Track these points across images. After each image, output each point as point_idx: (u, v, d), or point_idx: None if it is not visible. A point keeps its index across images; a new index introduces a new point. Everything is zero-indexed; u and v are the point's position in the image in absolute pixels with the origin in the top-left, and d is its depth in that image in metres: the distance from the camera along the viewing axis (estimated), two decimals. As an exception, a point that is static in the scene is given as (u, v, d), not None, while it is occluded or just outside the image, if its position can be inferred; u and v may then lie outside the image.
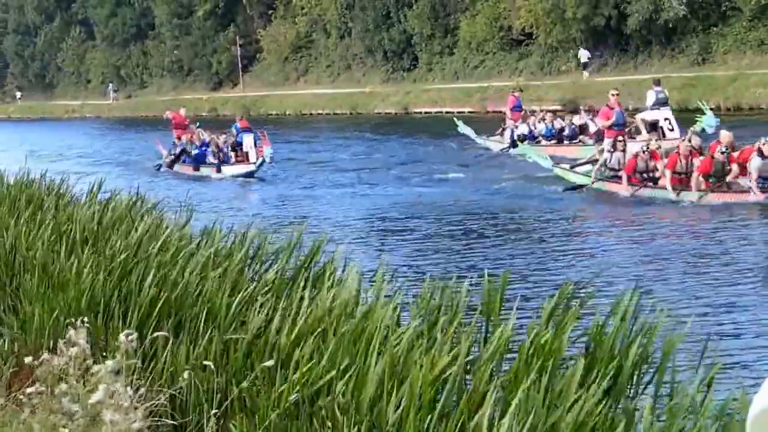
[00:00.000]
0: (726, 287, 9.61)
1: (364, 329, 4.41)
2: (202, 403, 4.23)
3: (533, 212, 15.29)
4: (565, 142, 23.10)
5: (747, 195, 14.40)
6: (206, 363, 4.25)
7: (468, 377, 4.06)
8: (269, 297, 5.18)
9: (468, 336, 4.23)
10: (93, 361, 4.01)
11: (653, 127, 20.38)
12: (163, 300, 5.10)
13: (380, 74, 51.50)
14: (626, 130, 19.59)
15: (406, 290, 5.46)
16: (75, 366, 3.87)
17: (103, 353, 4.51)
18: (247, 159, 22.78)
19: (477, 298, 4.83)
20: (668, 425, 3.64)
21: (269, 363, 4.08)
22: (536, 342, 4.07)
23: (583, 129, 23.08)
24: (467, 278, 5.04)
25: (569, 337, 4.21)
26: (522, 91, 28.67)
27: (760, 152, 14.29)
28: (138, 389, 3.88)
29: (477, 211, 15.68)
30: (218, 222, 6.86)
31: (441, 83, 45.93)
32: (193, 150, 23.89)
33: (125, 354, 3.89)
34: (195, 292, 5.25)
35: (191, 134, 24.77)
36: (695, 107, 25.57)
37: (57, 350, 4.11)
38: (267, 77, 60.34)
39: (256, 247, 6.26)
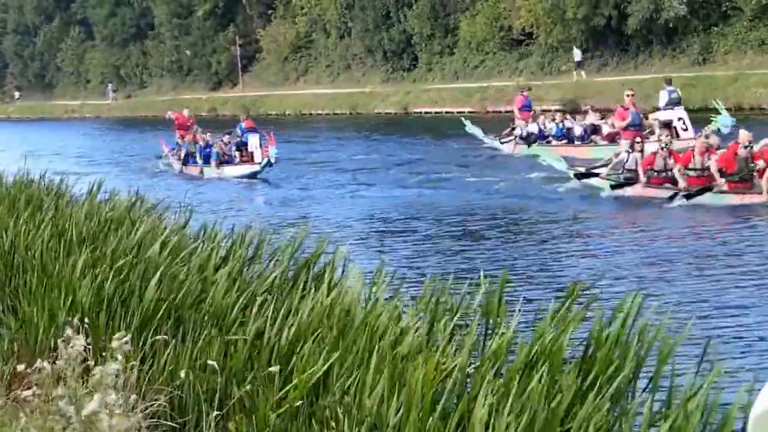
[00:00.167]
0: (732, 289, 9.55)
1: (365, 330, 4.40)
2: (202, 404, 4.22)
3: (533, 212, 15.25)
4: (576, 143, 22.60)
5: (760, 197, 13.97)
6: (208, 363, 4.23)
7: (468, 378, 4.05)
8: (269, 297, 5.17)
9: (468, 336, 4.21)
10: (93, 362, 4.00)
11: (667, 127, 20.25)
12: (164, 300, 5.08)
13: (380, 74, 51.45)
14: (645, 132, 19.46)
15: (406, 291, 5.45)
16: (73, 367, 3.85)
17: (103, 353, 4.49)
18: (252, 159, 22.70)
19: (477, 299, 4.82)
20: (669, 427, 3.63)
21: (274, 369, 4.06)
22: (538, 343, 4.05)
23: (596, 129, 22.67)
24: (467, 279, 5.03)
25: (571, 338, 4.20)
26: (530, 90, 28.36)
27: None
28: (137, 390, 3.86)
29: (477, 212, 15.65)
30: (218, 222, 6.85)
31: (441, 83, 45.89)
32: (197, 151, 23.85)
33: (124, 356, 3.87)
34: (195, 293, 5.25)
35: (194, 135, 24.72)
36: (696, 107, 25.65)
37: (57, 351, 4.09)
38: (267, 77, 60.30)
39: (256, 248, 6.26)
